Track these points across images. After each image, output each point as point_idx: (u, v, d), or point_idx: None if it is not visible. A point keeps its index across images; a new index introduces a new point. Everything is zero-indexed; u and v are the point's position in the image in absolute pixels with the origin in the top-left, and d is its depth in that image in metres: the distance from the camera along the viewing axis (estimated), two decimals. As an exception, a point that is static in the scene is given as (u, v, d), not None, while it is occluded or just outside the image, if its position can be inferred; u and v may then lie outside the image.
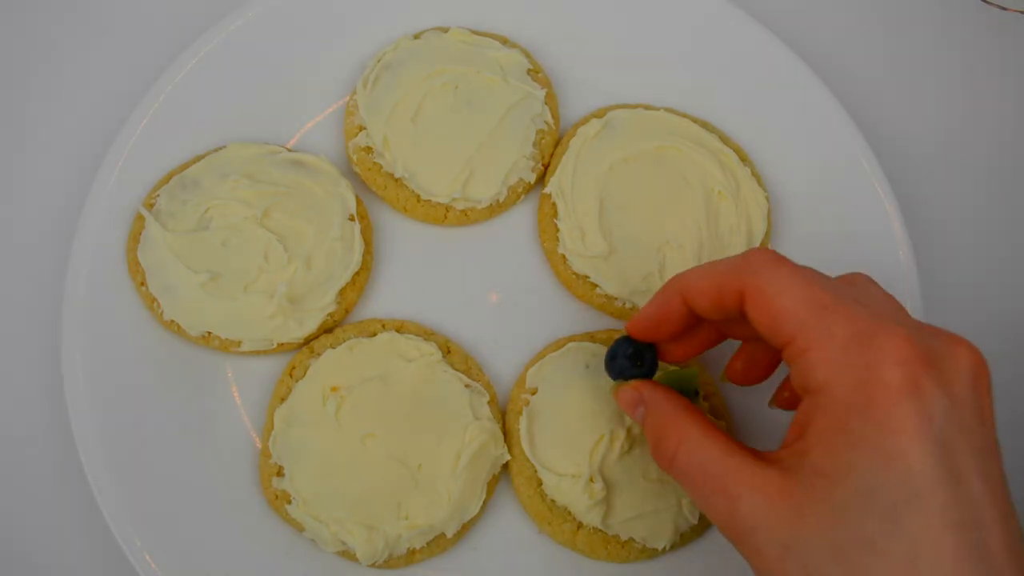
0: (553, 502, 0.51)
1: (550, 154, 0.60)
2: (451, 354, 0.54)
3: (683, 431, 0.41)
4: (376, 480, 0.50)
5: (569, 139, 0.59)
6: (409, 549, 0.50)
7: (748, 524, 0.36)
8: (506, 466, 0.53)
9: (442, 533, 0.51)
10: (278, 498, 0.51)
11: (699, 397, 0.50)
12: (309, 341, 0.54)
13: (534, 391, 0.53)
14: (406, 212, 0.58)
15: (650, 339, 0.47)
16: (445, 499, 0.50)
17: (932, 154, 0.66)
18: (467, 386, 0.53)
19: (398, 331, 0.54)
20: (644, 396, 0.45)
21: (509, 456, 0.52)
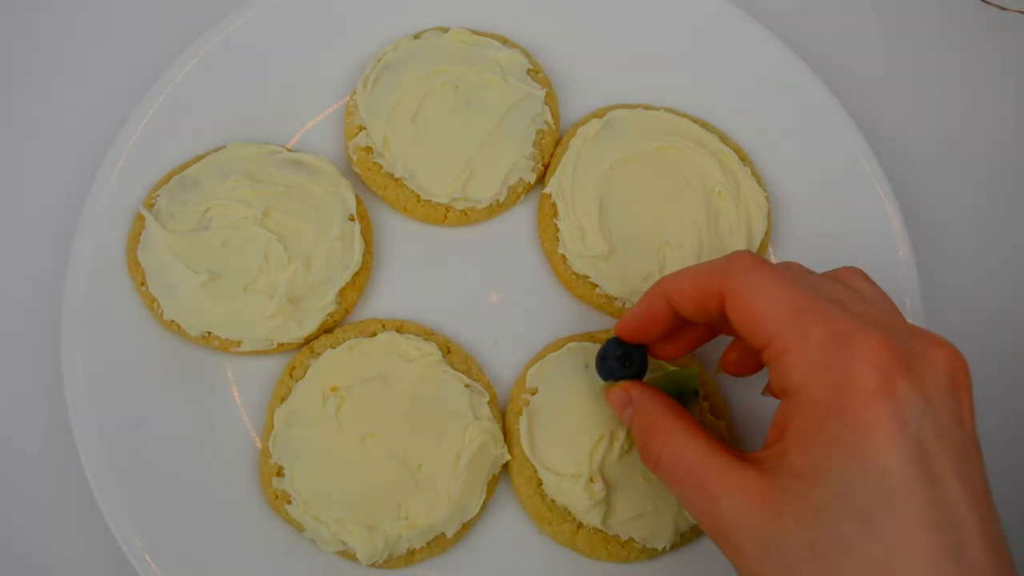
0: (553, 502, 0.51)
1: (550, 154, 0.60)
2: (451, 354, 0.54)
3: (669, 432, 0.41)
4: (376, 480, 0.50)
5: (569, 139, 0.59)
6: (409, 549, 0.50)
7: (729, 523, 0.36)
8: (506, 466, 0.53)
9: (442, 533, 0.51)
10: (278, 498, 0.51)
11: (699, 397, 0.50)
12: (309, 341, 0.54)
13: (534, 391, 0.53)
14: (406, 212, 0.58)
15: (638, 340, 0.47)
16: (445, 499, 0.50)
17: (932, 154, 0.66)
18: (467, 386, 0.53)
19: (398, 331, 0.54)
20: (632, 397, 0.45)
21: (509, 456, 0.52)
